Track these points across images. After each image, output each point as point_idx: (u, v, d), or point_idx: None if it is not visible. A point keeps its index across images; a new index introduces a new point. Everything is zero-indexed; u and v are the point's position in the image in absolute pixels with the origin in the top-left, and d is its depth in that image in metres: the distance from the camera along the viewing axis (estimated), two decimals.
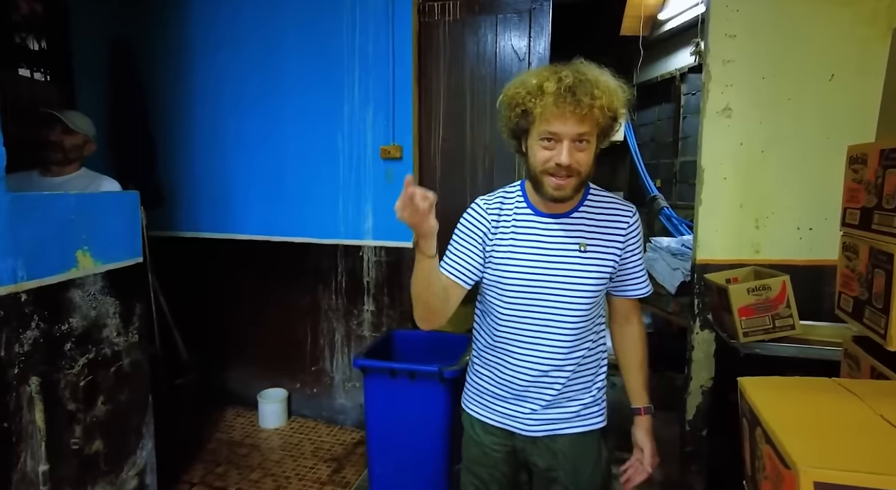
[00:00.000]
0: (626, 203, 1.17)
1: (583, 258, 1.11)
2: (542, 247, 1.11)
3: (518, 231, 1.13)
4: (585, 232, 1.12)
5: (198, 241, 2.91)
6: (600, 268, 1.12)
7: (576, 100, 0.96)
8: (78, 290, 1.58)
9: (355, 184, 2.65)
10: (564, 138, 0.99)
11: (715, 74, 2.05)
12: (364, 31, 2.52)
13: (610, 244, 1.13)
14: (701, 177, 2.14)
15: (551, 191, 1.04)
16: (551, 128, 1.00)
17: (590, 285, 1.11)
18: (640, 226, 1.17)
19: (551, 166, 1.02)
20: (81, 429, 1.60)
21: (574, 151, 1.01)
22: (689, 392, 2.21)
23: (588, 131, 1.00)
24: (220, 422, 2.78)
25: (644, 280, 1.21)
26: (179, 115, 2.87)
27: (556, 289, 1.11)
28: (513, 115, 1.06)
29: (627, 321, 1.27)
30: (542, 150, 1.03)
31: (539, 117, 1.00)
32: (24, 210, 1.39)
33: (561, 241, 1.11)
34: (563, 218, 1.12)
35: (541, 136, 1.02)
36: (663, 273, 2.88)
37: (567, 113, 0.97)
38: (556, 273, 1.10)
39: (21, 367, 1.40)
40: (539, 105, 0.98)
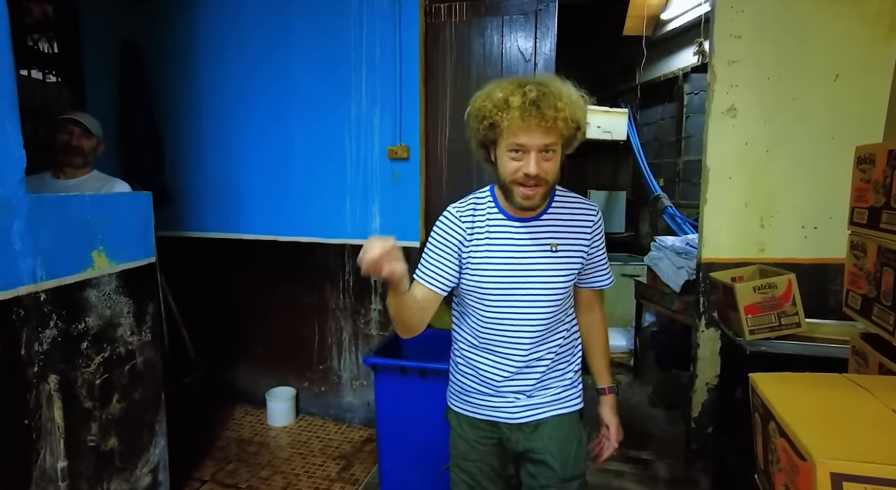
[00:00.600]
0: (590, 202, 1.25)
1: (555, 257, 1.18)
2: (516, 250, 1.17)
3: (493, 237, 1.18)
4: (555, 232, 1.19)
5: (205, 241, 2.94)
6: (570, 264, 1.19)
7: (540, 113, 1.01)
8: (94, 289, 1.60)
9: (362, 184, 2.67)
10: (531, 149, 1.05)
11: (720, 75, 2.07)
12: (371, 32, 2.54)
13: (578, 242, 1.20)
14: (706, 176, 2.16)
15: (520, 200, 1.10)
16: (518, 140, 1.05)
17: (562, 281, 1.19)
18: (602, 222, 1.25)
19: (520, 176, 1.07)
20: (97, 426, 1.62)
21: (541, 161, 1.06)
22: (694, 390, 2.23)
23: (553, 142, 1.06)
24: (228, 420, 2.81)
25: (608, 272, 1.30)
26: (187, 115, 2.89)
27: (532, 288, 1.17)
28: (481, 128, 1.11)
29: (590, 309, 1.34)
30: (510, 161, 1.08)
31: (506, 130, 1.06)
32: (43, 211, 1.41)
33: (533, 243, 1.17)
34: (534, 221, 1.19)
35: (509, 148, 1.07)
36: (668, 272, 2.89)
37: (533, 126, 1.02)
38: (531, 273, 1.17)
39: (40, 366, 1.42)
40: (506, 118, 1.03)
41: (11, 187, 1.33)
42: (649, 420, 2.89)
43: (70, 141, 1.94)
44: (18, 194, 1.34)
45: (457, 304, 1.29)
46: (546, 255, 1.17)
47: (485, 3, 2.49)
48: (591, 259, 1.25)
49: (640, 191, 4.45)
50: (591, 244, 1.22)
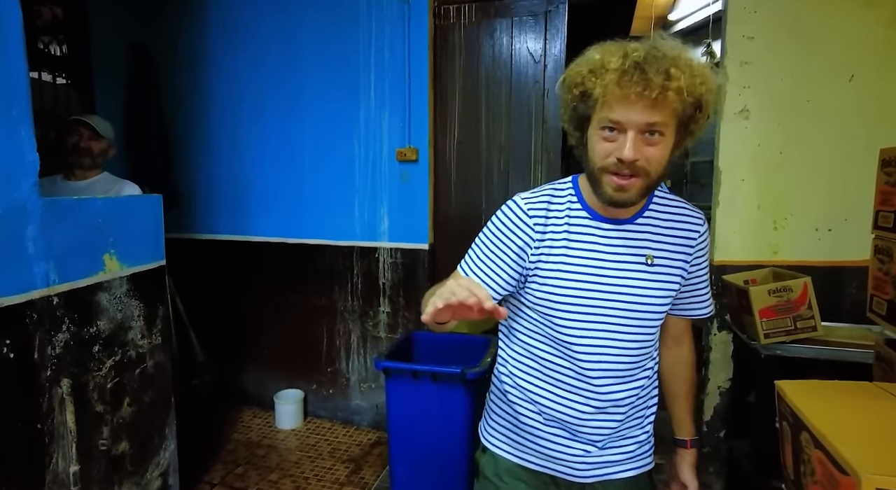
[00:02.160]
0: (695, 209, 1.00)
1: (650, 273, 0.94)
2: (602, 259, 0.93)
3: (572, 240, 0.94)
4: (652, 242, 0.95)
5: (214, 244, 2.93)
6: (669, 284, 0.95)
7: (645, 79, 0.77)
8: (105, 292, 1.60)
9: (371, 186, 2.66)
10: (629, 128, 0.81)
11: (732, 76, 2.05)
12: (380, 35, 2.54)
13: (678, 257, 0.96)
14: (718, 178, 2.15)
15: (610, 192, 0.85)
16: (613, 114, 0.81)
17: (658, 304, 0.95)
18: (708, 236, 1.01)
19: (611, 162, 0.83)
20: (109, 430, 1.62)
21: (641, 145, 0.81)
22: (706, 393, 2.22)
23: (661, 121, 0.80)
24: (237, 422, 2.80)
25: (709, 298, 1.05)
26: (196, 117, 2.89)
27: (621, 310, 0.93)
28: (570, 99, 0.88)
29: (679, 343, 1.10)
30: (601, 142, 0.84)
31: (600, 101, 0.82)
32: (56, 215, 1.41)
33: (625, 253, 0.94)
34: (627, 224, 0.94)
35: (601, 125, 0.84)
36: None
37: (633, 95, 0.78)
38: (620, 291, 0.93)
39: (53, 369, 1.41)
40: (600, 85, 0.81)
41: (25, 191, 1.32)
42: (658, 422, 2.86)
43: (79, 143, 1.94)
44: (32, 198, 1.34)
45: (512, 318, 1.03)
46: (640, 269, 0.93)
47: (494, 4, 2.48)
48: (691, 280, 1.00)
49: None
50: (693, 261, 0.98)
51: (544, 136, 2.48)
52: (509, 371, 1.04)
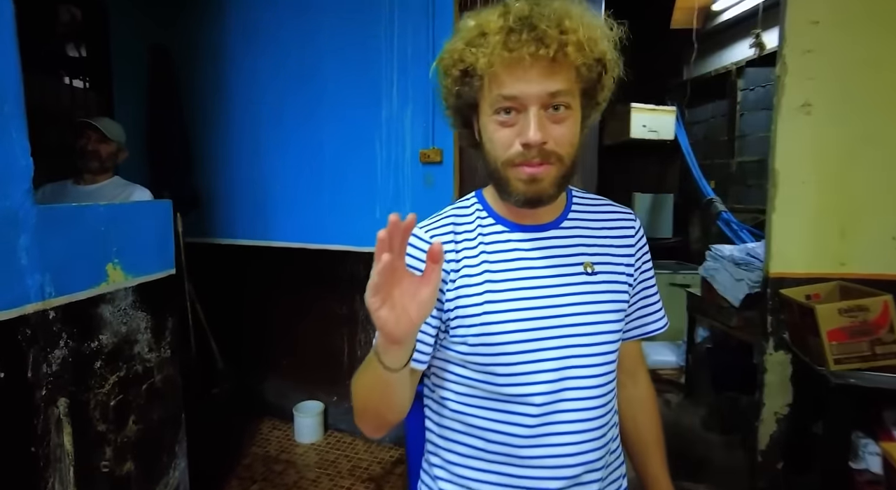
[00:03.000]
0: (622, 205, 0.86)
1: (593, 284, 0.76)
2: (535, 277, 0.74)
3: (493, 261, 0.74)
4: (586, 247, 0.77)
5: (235, 249, 2.86)
6: (618, 294, 0.77)
7: (537, 34, 0.63)
8: (108, 305, 1.50)
9: (393, 189, 2.53)
10: (529, 103, 0.65)
11: (793, 66, 1.83)
12: (402, 29, 2.40)
13: (620, 261, 0.79)
14: (774, 180, 1.92)
15: (521, 187, 0.69)
16: (506, 89, 0.65)
17: (612, 320, 0.76)
18: (645, 234, 0.85)
19: (516, 152, 0.67)
20: (112, 450, 1.52)
21: (547, 124, 0.66)
22: (761, 419, 1.99)
23: (565, 88, 0.65)
24: (256, 434, 2.71)
25: (661, 308, 0.86)
26: (217, 120, 2.83)
27: (572, 336, 0.73)
28: (451, 83, 0.70)
29: (634, 380, 0.88)
30: (498, 130, 0.68)
31: (486, 76, 0.66)
32: (53, 223, 1.32)
33: (559, 265, 0.75)
34: (552, 229, 0.77)
35: (494, 108, 0.67)
36: (725, 284, 2.64)
37: (526, 58, 0.63)
38: (565, 312, 0.73)
39: (49, 389, 1.32)
40: (482, 54, 0.65)
41: (17, 199, 1.23)
42: (704, 445, 2.65)
43: (86, 145, 1.88)
44: (25, 206, 1.25)
45: (439, 384, 0.78)
46: (581, 280, 0.75)
47: None
48: (640, 289, 0.82)
49: (688, 194, 4.17)
50: (638, 265, 0.81)
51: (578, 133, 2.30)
52: (443, 460, 0.79)
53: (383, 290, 0.53)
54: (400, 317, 0.55)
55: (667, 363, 3.35)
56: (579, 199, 0.83)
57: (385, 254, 0.52)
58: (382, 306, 0.54)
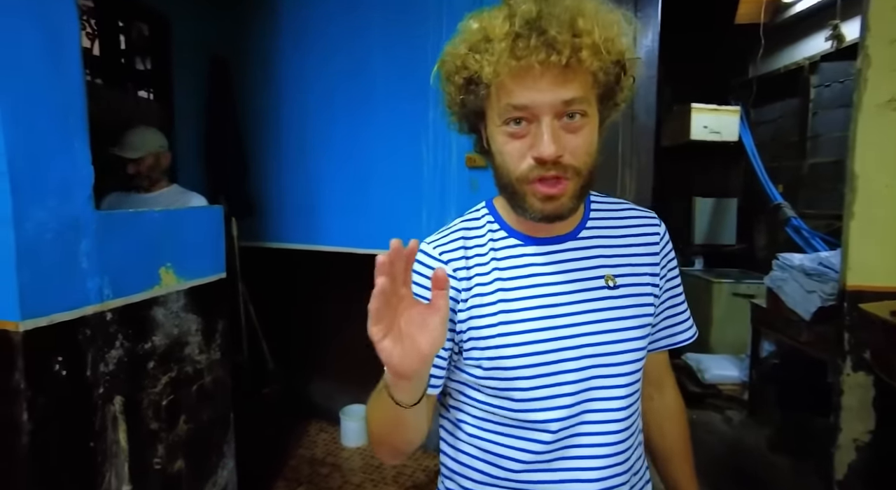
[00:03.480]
0: (641, 207, 0.80)
1: (616, 298, 0.70)
2: (552, 293, 0.69)
3: (506, 278, 0.69)
4: (606, 258, 0.72)
5: (285, 252, 2.92)
6: (642, 307, 0.72)
7: (547, 39, 0.57)
8: (161, 307, 1.56)
9: (439, 194, 2.51)
10: (542, 113, 0.60)
11: (877, 59, 1.67)
12: (450, 33, 2.37)
13: (644, 270, 0.73)
14: (853, 184, 1.75)
15: (539, 205, 0.64)
16: (515, 98, 0.60)
17: (637, 337, 0.70)
18: (670, 239, 0.79)
19: (529, 167, 0.62)
20: (164, 448, 1.58)
21: (562, 135, 0.61)
22: (837, 446, 1.81)
23: (580, 96, 0.60)
24: (303, 436, 2.75)
25: (689, 317, 0.81)
26: (269, 127, 2.90)
27: (595, 356, 0.68)
28: (454, 91, 0.66)
29: (661, 390, 0.83)
30: (509, 142, 0.63)
31: (493, 85, 0.61)
32: (111, 228, 1.38)
33: (578, 279, 0.70)
34: (568, 241, 0.72)
35: (503, 118, 0.62)
36: (795, 296, 2.44)
37: (536, 66, 0.58)
38: (586, 331, 0.68)
39: (106, 387, 1.38)
40: (488, 62, 0.60)
41: (80, 205, 1.30)
42: (770, 469, 2.46)
43: (128, 169, 1.92)
44: (87, 212, 1.31)
45: (456, 406, 0.75)
46: (602, 295, 0.70)
47: None
48: (666, 298, 0.77)
49: (753, 198, 3.92)
50: (664, 273, 0.76)
51: (633, 135, 2.19)
52: (458, 486, 0.75)
53: (385, 318, 0.50)
54: (407, 350, 0.51)
55: (728, 378, 3.14)
56: (598, 204, 0.77)
57: (381, 277, 0.49)
58: (386, 337, 0.50)
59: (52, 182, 1.22)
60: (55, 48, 1.23)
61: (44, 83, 1.21)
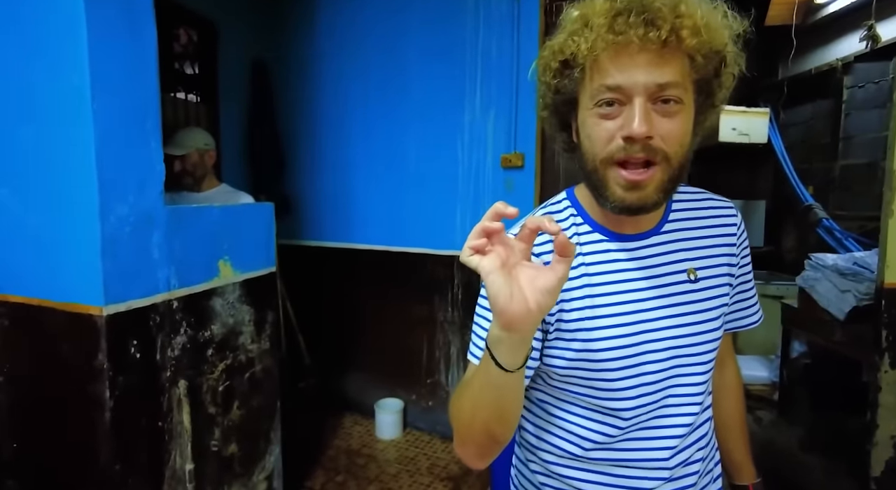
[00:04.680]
0: (721, 197, 0.81)
1: (696, 292, 0.72)
2: (637, 289, 0.70)
3: (592, 272, 0.70)
4: (688, 251, 0.74)
5: (321, 250, 3.02)
6: (719, 298, 0.74)
7: (648, 17, 0.57)
8: (219, 298, 1.65)
9: (474, 193, 2.58)
10: (635, 93, 0.59)
11: None
12: (487, 34, 2.45)
13: (722, 261, 0.75)
14: (891, 183, 1.77)
15: (620, 192, 0.63)
16: (609, 78, 0.60)
17: (714, 329, 0.73)
18: (745, 227, 0.81)
19: (617, 147, 0.61)
20: (220, 432, 1.66)
21: (655, 117, 0.60)
22: (874, 443, 1.83)
23: (676, 80, 0.59)
24: (338, 428, 2.84)
25: (757, 302, 0.84)
26: (307, 127, 3.00)
27: (675, 349, 0.71)
28: (550, 78, 0.65)
29: (723, 366, 0.86)
30: (599, 123, 0.62)
31: (588, 65, 0.61)
32: (178, 222, 1.47)
33: (662, 274, 0.72)
34: (653, 236, 0.73)
35: (595, 100, 0.61)
36: (828, 296, 2.45)
37: (635, 41, 0.57)
38: (668, 325, 0.70)
39: (172, 371, 1.47)
40: (585, 42, 0.59)
41: (152, 200, 1.39)
42: (802, 469, 2.46)
43: (173, 168, 1.99)
44: (158, 206, 1.41)
45: (536, 386, 0.78)
46: (684, 289, 0.72)
47: None
48: (739, 285, 0.80)
49: (781, 199, 3.90)
50: (739, 261, 0.78)
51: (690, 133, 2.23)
52: (541, 460, 0.77)
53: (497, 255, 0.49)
54: (515, 294, 0.48)
55: (758, 378, 3.14)
56: (678, 195, 0.77)
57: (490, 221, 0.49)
58: (496, 270, 0.48)
59: (132, 179, 1.32)
60: (138, 60, 1.33)
61: (127, 90, 1.31)
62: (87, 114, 1.21)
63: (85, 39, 1.20)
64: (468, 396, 0.62)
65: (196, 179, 2.09)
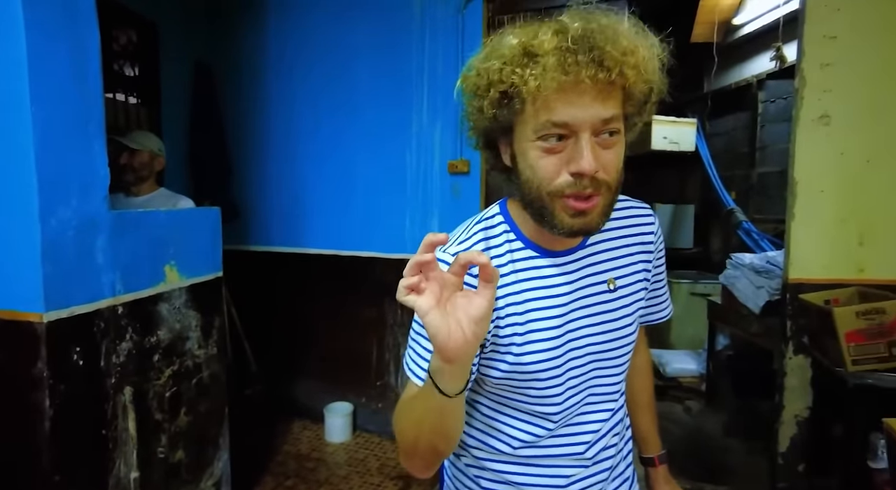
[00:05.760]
0: (637, 201, 0.84)
1: (614, 300, 0.77)
2: (563, 304, 0.74)
3: (524, 289, 0.73)
4: (610, 261, 0.78)
5: (269, 255, 3.00)
6: (634, 303, 0.79)
7: (597, 56, 0.59)
8: (165, 303, 1.64)
9: (422, 199, 2.65)
10: (582, 130, 0.61)
11: (811, 79, 1.91)
12: (433, 46, 2.54)
13: (639, 267, 0.80)
14: (793, 189, 1.99)
15: (569, 221, 0.65)
16: (557, 115, 0.61)
17: (630, 333, 0.79)
18: (661, 229, 0.86)
19: (566, 182, 0.63)
20: (167, 438, 1.65)
21: (598, 151, 0.62)
22: (781, 422, 2.04)
23: (617, 114, 0.62)
24: (287, 434, 2.82)
25: (668, 298, 0.90)
26: (255, 132, 2.98)
27: (596, 355, 0.76)
28: (487, 105, 0.65)
29: (637, 350, 0.91)
30: (543, 157, 0.64)
31: (530, 100, 0.61)
32: (123, 227, 1.46)
33: (585, 286, 0.76)
34: (579, 250, 0.76)
35: (539, 134, 0.63)
36: (746, 292, 2.68)
37: (585, 81, 0.59)
38: (590, 333, 0.76)
39: (117, 377, 1.46)
40: (533, 76, 0.59)
41: (97, 204, 1.38)
42: (726, 451, 2.68)
43: (118, 159, 1.97)
44: (102, 211, 1.40)
45: (474, 390, 0.81)
46: (604, 299, 0.77)
47: (550, 14, 2.41)
48: (652, 285, 0.85)
49: (708, 204, 4.21)
50: (655, 263, 0.83)
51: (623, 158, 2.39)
52: (475, 458, 0.82)
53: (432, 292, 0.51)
54: (453, 329, 0.51)
55: (688, 371, 3.38)
56: None
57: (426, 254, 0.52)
58: (433, 310, 0.51)
59: (75, 183, 1.31)
60: (80, 62, 1.32)
61: (69, 93, 1.29)
62: (27, 117, 1.20)
63: (24, 41, 1.18)
64: (412, 419, 0.65)
65: (138, 179, 2.05)
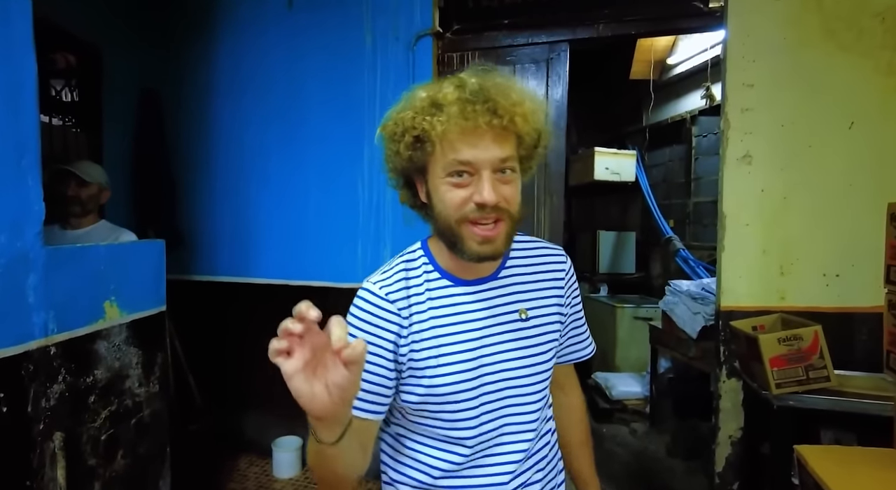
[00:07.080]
0: (554, 245, 0.94)
1: (527, 329, 0.84)
2: (475, 329, 0.81)
3: (439, 316, 0.81)
4: (521, 293, 0.86)
5: (216, 286, 2.92)
6: (549, 334, 0.86)
7: (490, 106, 0.72)
8: (104, 341, 1.57)
9: (374, 228, 2.66)
10: (482, 167, 0.73)
11: (734, 122, 2.08)
12: (385, 81, 2.59)
13: (552, 302, 0.88)
14: (722, 223, 2.14)
15: (476, 247, 0.76)
16: (461, 155, 0.73)
17: (544, 361, 0.85)
18: (574, 271, 0.94)
19: (470, 210, 0.74)
20: (100, 485, 1.56)
21: (498, 185, 0.74)
22: (717, 443, 2.14)
23: (511, 155, 0.75)
24: (233, 470, 2.71)
25: (588, 337, 0.97)
26: (202, 161, 2.93)
27: (508, 380, 0.82)
28: (403, 148, 0.76)
29: (565, 391, 0.99)
30: (452, 190, 0.75)
31: (439, 143, 0.74)
32: (58, 263, 1.40)
33: (497, 314, 0.83)
34: (490, 281, 0.85)
35: (448, 171, 0.75)
36: (684, 317, 2.84)
37: (482, 128, 0.72)
38: (502, 359, 0.82)
39: (46, 423, 1.37)
40: (439, 122, 0.72)
41: (30, 240, 1.32)
42: (668, 472, 2.78)
43: (66, 190, 1.91)
44: (36, 247, 1.34)
45: (394, 421, 0.87)
46: (516, 327, 0.84)
47: (497, 52, 2.54)
48: (568, 323, 0.92)
49: (649, 231, 4.43)
50: (568, 301, 0.90)
51: (546, 180, 2.50)
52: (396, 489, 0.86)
53: (299, 356, 0.53)
54: (317, 393, 0.53)
55: (632, 394, 3.50)
56: (516, 245, 0.89)
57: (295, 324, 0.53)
58: (298, 373, 0.53)
59: (4, 219, 1.25)
60: (14, 92, 1.27)
61: (1, 125, 1.24)
62: None
63: None
64: (311, 453, 0.71)
65: (85, 212, 1.97)
